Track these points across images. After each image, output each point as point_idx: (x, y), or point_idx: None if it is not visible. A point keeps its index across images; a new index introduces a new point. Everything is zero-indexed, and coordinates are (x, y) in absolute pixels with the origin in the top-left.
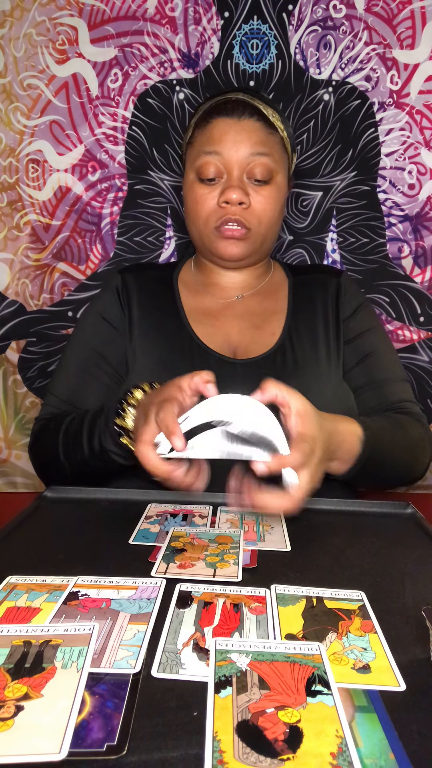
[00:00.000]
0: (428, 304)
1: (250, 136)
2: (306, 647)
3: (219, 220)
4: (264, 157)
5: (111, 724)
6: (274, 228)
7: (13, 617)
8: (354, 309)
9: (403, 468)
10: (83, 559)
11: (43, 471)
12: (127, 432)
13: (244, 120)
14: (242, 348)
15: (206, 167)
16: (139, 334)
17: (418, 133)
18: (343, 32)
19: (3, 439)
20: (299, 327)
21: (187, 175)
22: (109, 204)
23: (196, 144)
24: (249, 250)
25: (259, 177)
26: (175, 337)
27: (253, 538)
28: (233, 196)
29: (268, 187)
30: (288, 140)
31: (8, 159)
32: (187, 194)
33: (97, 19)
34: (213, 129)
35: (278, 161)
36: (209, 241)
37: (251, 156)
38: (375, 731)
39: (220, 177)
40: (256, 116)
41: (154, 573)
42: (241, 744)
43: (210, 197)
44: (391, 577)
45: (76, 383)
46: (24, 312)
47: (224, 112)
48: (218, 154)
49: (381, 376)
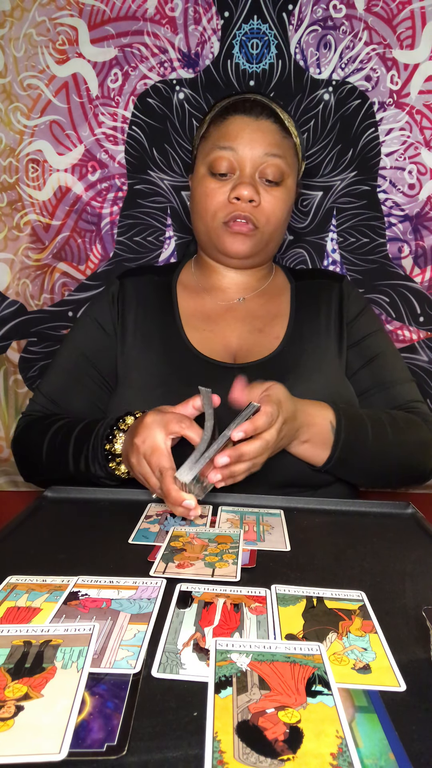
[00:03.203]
0: (428, 304)
1: (265, 136)
2: (306, 647)
3: (228, 216)
4: (277, 158)
5: (111, 724)
6: (280, 230)
7: (13, 617)
8: (357, 312)
9: (400, 464)
10: (83, 559)
11: (22, 466)
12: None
13: (261, 120)
14: (243, 352)
15: (219, 162)
16: (132, 343)
17: (418, 133)
18: (343, 32)
19: (4, 438)
20: (302, 331)
21: (198, 170)
22: (109, 204)
23: (210, 138)
24: (255, 249)
25: (270, 177)
26: (169, 346)
27: (253, 537)
28: (245, 192)
29: (279, 189)
30: (300, 147)
31: (8, 159)
32: (197, 188)
33: (97, 19)
34: (230, 125)
35: (290, 165)
36: (216, 236)
37: (265, 156)
38: (375, 731)
39: (232, 173)
40: (273, 118)
41: (152, 572)
42: (241, 744)
43: (220, 192)
44: (392, 577)
45: (63, 386)
46: (24, 312)
47: (242, 110)
48: (233, 150)
49: (388, 378)
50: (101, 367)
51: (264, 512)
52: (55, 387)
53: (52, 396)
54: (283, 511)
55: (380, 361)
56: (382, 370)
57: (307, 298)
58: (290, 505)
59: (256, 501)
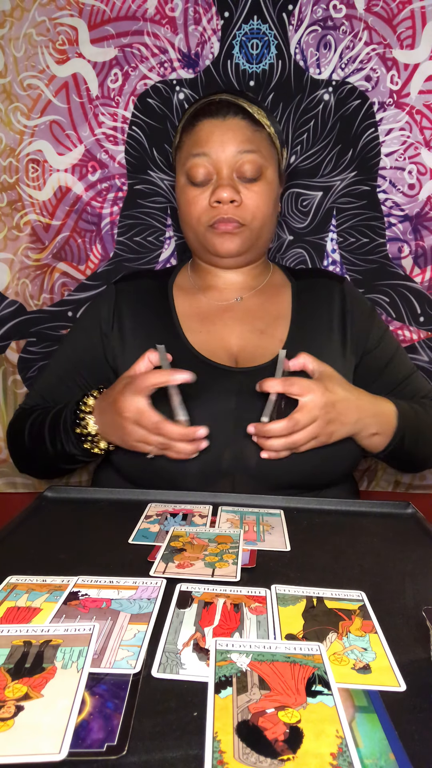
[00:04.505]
0: (428, 304)
1: (236, 135)
2: (306, 647)
3: (212, 219)
4: (251, 154)
5: (111, 724)
6: (268, 223)
7: (13, 617)
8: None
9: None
10: (83, 559)
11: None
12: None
13: (229, 119)
14: (245, 354)
15: (195, 169)
16: (132, 346)
17: (418, 133)
18: (343, 32)
19: (3, 439)
20: (305, 332)
21: (179, 179)
22: (109, 204)
23: (184, 147)
24: (245, 245)
25: (248, 175)
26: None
27: (253, 537)
28: (224, 194)
29: (259, 183)
30: (276, 135)
31: (8, 159)
32: (180, 197)
33: (97, 20)
34: (199, 131)
35: (267, 157)
36: (204, 239)
37: (239, 154)
38: (375, 731)
39: (210, 178)
40: (241, 114)
41: (152, 572)
42: (241, 744)
43: (201, 198)
44: (392, 577)
45: (55, 387)
46: (24, 312)
47: (209, 114)
48: (206, 155)
49: (400, 376)
50: (94, 371)
51: (264, 512)
52: (47, 388)
53: (45, 395)
54: (283, 511)
55: (393, 363)
56: (396, 372)
57: (309, 298)
58: (290, 505)
59: (256, 501)
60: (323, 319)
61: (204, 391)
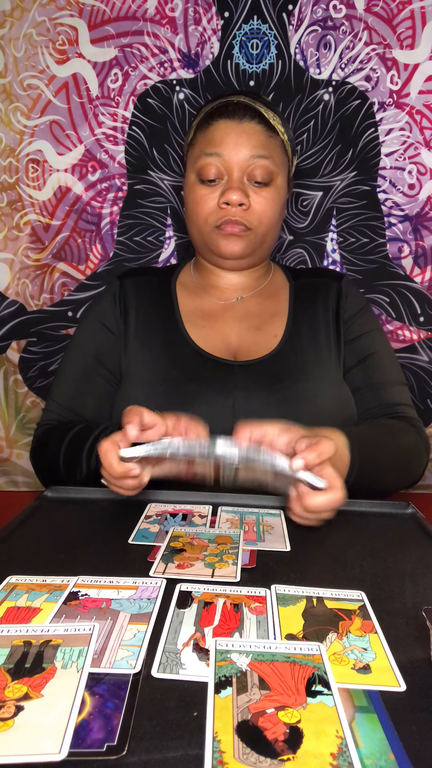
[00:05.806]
0: (428, 304)
1: (250, 139)
2: (306, 647)
3: (219, 220)
4: (264, 159)
5: (111, 724)
6: (274, 229)
7: (13, 617)
8: (356, 311)
9: (396, 473)
10: (83, 559)
11: (42, 475)
12: None
13: (245, 122)
14: (243, 350)
15: (207, 168)
16: (134, 340)
17: (418, 133)
18: (343, 32)
19: (4, 438)
20: (301, 330)
21: (188, 176)
22: (109, 204)
23: (197, 145)
24: (249, 249)
25: (259, 179)
26: (170, 342)
27: (252, 538)
28: (233, 197)
29: (268, 189)
30: (288, 143)
31: (8, 159)
32: (188, 195)
33: (97, 20)
34: (214, 131)
35: (278, 164)
36: (209, 239)
37: (252, 158)
38: (375, 731)
39: (220, 178)
40: (257, 119)
41: (152, 572)
42: (241, 744)
43: (210, 198)
44: (391, 577)
45: (76, 390)
46: (24, 312)
47: (226, 115)
48: (219, 155)
49: (380, 378)
50: (111, 365)
51: (264, 512)
52: (67, 393)
53: (66, 402)
54: (283, 511)
55: (374, 361)
56: (375, 371)
57: (306, 296)
58: None
59: (256, 501)
60: (319, 317)
61: (204, 384)
